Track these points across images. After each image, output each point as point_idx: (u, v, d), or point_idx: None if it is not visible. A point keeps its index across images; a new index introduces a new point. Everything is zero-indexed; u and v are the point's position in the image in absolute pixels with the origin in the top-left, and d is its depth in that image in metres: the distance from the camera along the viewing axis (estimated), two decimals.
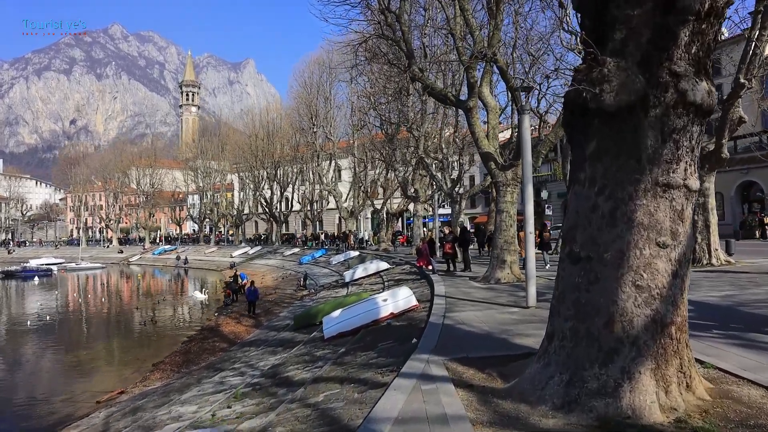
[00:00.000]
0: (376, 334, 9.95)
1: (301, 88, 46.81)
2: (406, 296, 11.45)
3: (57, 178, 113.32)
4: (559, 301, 4.57)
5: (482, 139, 14.83)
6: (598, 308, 4.22)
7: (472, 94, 14.44)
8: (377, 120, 31.30)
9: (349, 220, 46.21)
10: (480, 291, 12.95)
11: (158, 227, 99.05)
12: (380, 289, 19.65)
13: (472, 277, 16.44)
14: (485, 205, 67.33)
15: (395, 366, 6.50)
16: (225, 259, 58.98)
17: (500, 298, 11.54)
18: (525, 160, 9.55)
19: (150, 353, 18.14)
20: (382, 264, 25.92)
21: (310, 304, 22.43)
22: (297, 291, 29.81)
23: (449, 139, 24.01)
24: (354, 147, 42.41)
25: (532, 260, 9.85)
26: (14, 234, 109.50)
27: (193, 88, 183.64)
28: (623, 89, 4.17)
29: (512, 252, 14.71)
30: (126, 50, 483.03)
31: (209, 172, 73.53)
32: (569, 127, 4.71)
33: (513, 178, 14.64)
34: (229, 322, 22.07)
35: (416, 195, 31.13)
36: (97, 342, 20.72)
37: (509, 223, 14.74)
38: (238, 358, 13.71)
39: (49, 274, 56.36)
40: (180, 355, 16.70)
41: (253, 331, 19.40)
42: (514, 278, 14.47)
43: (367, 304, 11.48)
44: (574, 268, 4.42)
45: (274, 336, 16.07)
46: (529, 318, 8.78)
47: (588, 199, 4.38)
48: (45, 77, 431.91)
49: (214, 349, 16.89)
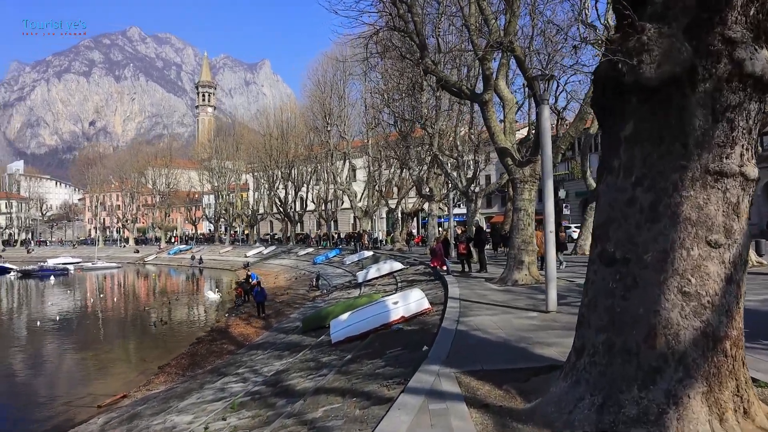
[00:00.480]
0: (385, 339, 9.36)
1: (315, 87, 46.40)
2: (417, 299, 10.83)
3: (75, 179, 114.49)
4: (589, 310, 3.93)
5: (498, 134, 14.15)
6: (637, 319, 3.57)
7: (487, 87, 13.76)
8: (391, 118, 30.69)
9: (364, 220, 45.70)
10: (496, 293, 12.28)
11: (174, 227, 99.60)
12: (393, 290, 19.07)
13: (488, 278, 15.77)
14: (501, 205, 66.36)
15: (403, 378, 5.90)
16: (239, 259, 58.88)
17: (518, 301, 10.88)
18: (545, 153, 8.89)
19: (157, 355, 17.75)
20: (396, 264, 25.33)
21: (322, 305, 21.93)
22: (309, 291, 29.35)
23: (464, 137, 23.27)
24: (368, 146, 41.86)
25: (552, 261, 9.18)
26: (34, 233, 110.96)
27: (209, 88, 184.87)
28: (666, 60, 3.52)
29: (530, 252, 14.01)
30: (144, 52, 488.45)
31: (224, 172, 73.60)
32: (600, 108, 4.06)
33: (531, 174, 13.94)
34: (239, 324, 21.64)
35: (431, 194, 30.46)
36: (105, 343, 20.40)
37: (527, 222, 14.05)
38: (243, 362, 13.21)
39: (65, 273, 56.74)
40: (187, 358, 16.27)
41: (262, 333, 18.92)
42: (533, 280, 13.78)
43: (377, 307, 10.88)
44: (608, 271, 3.78)
45: (282, 339, 15.56)
46: (550, 324, 8.11)
47: (624, 191, 3.74)
48: (65, 79, 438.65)
49: (222, 352, 16.43)
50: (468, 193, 22.39)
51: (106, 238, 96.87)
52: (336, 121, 45.41)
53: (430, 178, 30.27)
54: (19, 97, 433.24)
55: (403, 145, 30.55)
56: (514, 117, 15.37)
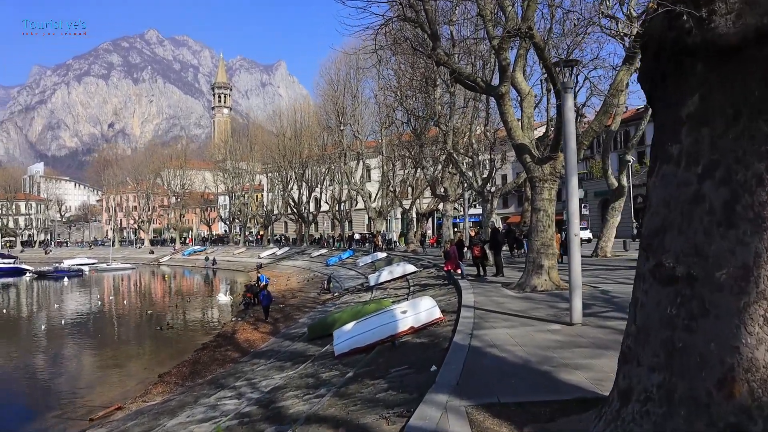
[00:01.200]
0: (390, 353, 8.49)
1: (328, 85, 45.67)
2: (428, 308, 9.94)
3: (91, 180, 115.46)
4: (638, 342, 3.03)
5: (516, 129, 13.20)
6: (708, 357, 2.67)
7: (504, 79, 12.82)
8: (405, 116, 29.81)
9: (378, 221, 44.87)
10: (514, 301, 11.33)
11: (190, 228, 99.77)
12: (405, 294, 18.21)
13: (504, 283, 14.81)
14: (518, 205, 65.12)
15: (405, 407, 5.03)
16: (253, 260, 58.44)
17: (538, 310, 9.93)
18: (569, 146, 7.96)
19: (159, 361, 17.09)
20: (409, 267, 24.47)
21: (331, 310, 21.15)
22: (320, 294, 28.58)
23: (480, 135, 22.27)
24: (382, 145, 41.02)
25: (577, 266, 8.22)
26: (53, 234, 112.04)
27: (225, 90, 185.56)
28: (749, 9, 2.60)
29: (550, 256, 13.03)
30: (161, 54, 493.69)
31: (238, 173, 73.35)
32: (651, 81, 3.15)
33: (551, 172, 12.96)
34: (246, 329, 20.92)
35: (446, 194, 29.53)
36: (107, 348, 19.79)
37: (547, 224, 13.07)
38: (243, 372, 12.44)
39: (80, 274, 56.76)
40: (188, 366, 15.55)
41: (268, 339, 18.18)
42: (553, 286, 12.80)
43: (384, 316, 10.01)
44: (665, 291, 2.87)
45: (287, 347, 14.78)
46: (576, 339, 7.16)
47: (686, 186, 2.83)
48: (85, 82, 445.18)
49: (225, 360, 15.70)
50: (483, 193, 21.40)
51: (122, 239, 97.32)
52: (349, 120, 44.65)
53: (444, 178, 29.34)
54: (41, 100, 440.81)
55: (416, 144, 29.65)
56: (532, 111, 14.39)
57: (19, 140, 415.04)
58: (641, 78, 3.28)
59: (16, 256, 69.43)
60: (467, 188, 24.42)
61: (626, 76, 12.34)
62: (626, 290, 12.10)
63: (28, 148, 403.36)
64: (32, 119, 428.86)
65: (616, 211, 23.87)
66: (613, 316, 8.85)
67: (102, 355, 18.40)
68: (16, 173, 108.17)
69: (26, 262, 68.94)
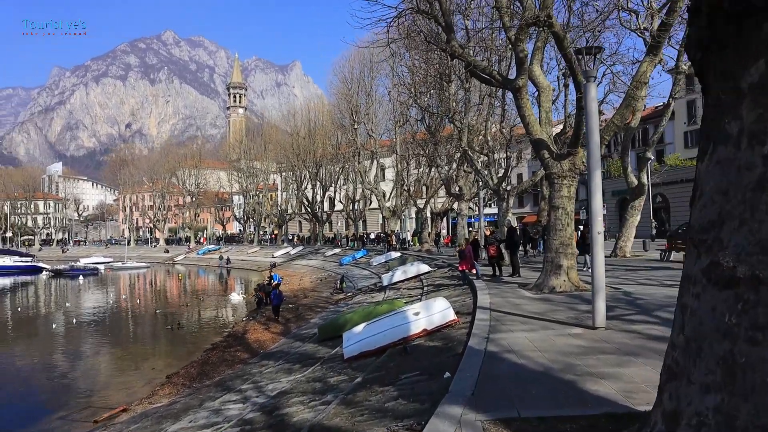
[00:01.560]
0: (402, 358, 8.06)
1: (341, 83, 45.33)
2: (442, 309, 9.50)
3: (107, 179, 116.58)
4: (687, 356, 2.57)
5: (534, 124, 12.69)
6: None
7: (521, 71, 12.32)
8: (419, 114, 29.33)
9: (392, 220, 44.45)
10: (532, 302, 10.84)
11: (204, 227, 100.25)
12: (419, 294, 17.78)
13: (521, 284, 14.30)
14: (533, 204, 64.33)
15: (416, 419, 4.61)
16: (267, 260, 58.39)
17: (557, 312, 9.44)
18: (592, 139, 7.46)
19: (168, 362, 16.84)
20: (423, 267, 24.03)
21: (343, 310, 20.79)
22: (333, 294, 28.26)
23: (496, 133, 21.67)
24: (396, 143, 40.58)
25: (600, 266, 7.72)
26: (71, 233, 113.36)
27: (240, 90, 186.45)
28: None
29: (569, 255, 12.51)
30: (178, 55, 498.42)
31: (252, 172, 73.42)
32: (702, 49, 2.69)
33: (570, 169, 12.44)
34: (256, 329, 20.63)
35: (460, 193, 28.99)
36: (117, 347, 19.63)
37: (566, 222, 12.55)
38: (251, 374, 12.10)
39: (95, 273, 57.14)
40: (197, 366, 15.26)
41: (279, 339, 17.85)
42: (572, 287, 12.28)
43: (396, 318, 9.59)
44: (722, 296, 2.41)
45: (297, 348, 14.42)
46: (600, 345, 6.68)
47: (748, 169, 2.37)
48: (103, 83, 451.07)
49: (234, 361, 15.39)
50: (499, 191, 20.87)
51: (137, 239, 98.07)
52: (363, 119, 44.27)
53: (459, 177, 28.82)
54: (60, 101, 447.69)
55: (431, 142, 29.16)
56: (550, 106, 13.86)
57: (39, 140, 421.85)
58: (689, 46, 2.81)
59: (33, 255, 70.17)
60: (482, 187, 23.89)
61: (650, 67, 11.78)
62: (649, 292, 11.54)
63: (48, 148, 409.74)
64: (51, 120, 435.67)
65: (636, 210, 23.20)
66: (638, 319, 8.34)
67: (111, 355, 18.22)
68: (34, 173, 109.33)
69: (44, 261, 69.76)
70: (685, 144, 51.57)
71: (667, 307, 9.37)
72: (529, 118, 12.63)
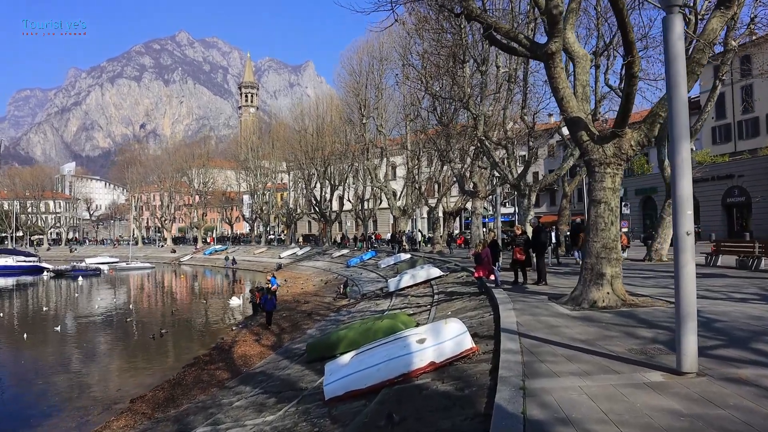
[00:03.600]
0: (400, 406, 5.70)
1: (349, 77, 43.00)
2: (455, 335, 7.11)
3: (115, 178, 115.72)
4: None
5: (569, 99, 10.25)
6: None
7: (554, 33, 9.89)
8: (431, 105, 26.80)
9: (402, 220, 42.04)
10: (573, 323, 8.37)
11: (214, 227, 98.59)
12: (428, 304, 15.41)
13: (552, 295, 11.83)
14: (550, 204, 61.56)
15: None
16: (273, 260, 56.50)
17: (612, 339, 6.99)
18: (677, 95, 5.07)
19: (139, 381, 14.64)
20: (433, 271, 21.65)
21: (344, 319, 18.49)
22: (336, 300, 25.98)
23: (515, 119, 19.09)
24: (407, 138, 38.16)
25: (688, 284, 5.27)
26: (81, 233, 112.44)
27: (252, 89, 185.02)
28: None
29: (613, 262, 10.04)
30: (192, 56, 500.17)
31: (261, 171, 71.47)
32: None
33: (615, 154, 9.98)
34: (246, 340, 18.39)
35: (475, 190, 26.52)
36: (88, 361, 17.41)
37: (609, 220, 10.08)
38: (220, 406, 9.82)
39: (98, 273, 55.55)
40: (167, 390, 13.00)
41: (267, 354, 15.58)
42: (618, 300, 9.82)
43: (395, 346, 7.21)
44: None
45: (282, 369, 12.11)
46: (704, 410, 4.23)
47: None
48: (118, 84, 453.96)
49: (210, 382, 13.13)
50: (520, 187, 18.36)
51: (145, 238, 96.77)
52: (372, 113, 41.89)
53: (473, 173, 26.33)
54: (76, 102, 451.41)
55: (443, 135, 26.67)
56: (588, 79, 11.38)
57: (55, 141, 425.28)
58: None
59: (37, 255, 68.76)
60: (499, 182, 21.38)
61: (720, 23, 9.28)
62: (721, 309, 9.03)
63: (64, 148, 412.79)
64: (68, 120, 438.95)
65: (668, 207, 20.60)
66: (734, 356, 5.88)
67: (75, 373, 15.95)
68: (42, 172, 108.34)
69: (51, 260, 68.49)
70: (713, 140, 48.57)
71: (762, 335, 6.90)
72: (563, 91, 10.19)
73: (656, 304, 9.84)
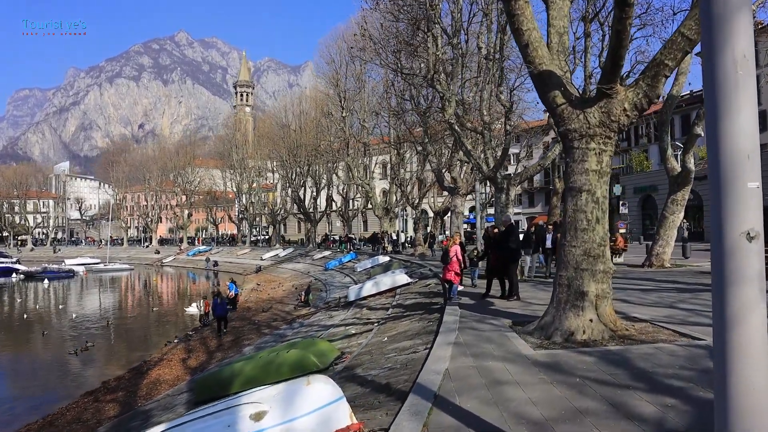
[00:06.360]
0: None
1: (327, 66, 40.08)
2: (319, 405, 4.15)
3: (99, 176, 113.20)
4: None
5: (538, 47, 7.36)
6: None
7: None
8: (404, 88, 23.84)
9: (385, 219, 39.14)
10: (531, 378, 5.39)
11: (205, 227, 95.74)
12: (381, 318, 12.52)
13: (519, 319, 8.89)
14: (545, 203, 58.58)
15: None
16: (255, 262, 53.82)
17: (588, 419, 4.08)
18: None
19: (30, 406, 11.89)
20: (400, 278, 18.88)
21: (288, 335, 15.61)
22: (296, 308, 23.08)
23: (491, 99, 16.08)
24: (389, 130, 35.24)
25: (756, 317, 2.39)
26: (69, 233, 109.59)
27: (247, 88, 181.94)
28: None
29: (599, 275, 7.09)
30: (191, 56, 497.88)
31: (245, 169, 68.66)
32: None
33: (602, 122, 7.06)
34: (172, 359, 15.54)
35: (455, 185, 23.61)
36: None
37: (594, 216, 7.14)
38: None
39: (71, 275, 52.64)
40: (58, 426, 10.13)
41: (183, 379, 12.76)
42: (605, 331, 6.89)
43: (215, 424, 4.33)
44: None
45: (168, 410, 9.22)
46: None
47: None
48: (116, 84, 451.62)
49: (88, 424, 10.23)
50: (496, 180, 15.41)
51: (130, 239, 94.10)
52: (353, 107, 38.97)
53: (452, 167, 23.41)
54: (74, 102, 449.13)
55: (420, 123, 23.70)
56: (566, 25, 8.46)
57: (54, 140, 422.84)
58: None
59: (10, 255, 65.85)
60: (474, 171, 18.43)
61: None
62: None
63: (62, 148, 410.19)
64: (66, 120, 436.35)
65: (679, 206, 17.69)
66: None
67: None
68: (27, 171, 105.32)
69: (33, 261, 65.71)
70: None
71: None
72: (529, 34, 7.26)
73: (660, 336, 6.93)
